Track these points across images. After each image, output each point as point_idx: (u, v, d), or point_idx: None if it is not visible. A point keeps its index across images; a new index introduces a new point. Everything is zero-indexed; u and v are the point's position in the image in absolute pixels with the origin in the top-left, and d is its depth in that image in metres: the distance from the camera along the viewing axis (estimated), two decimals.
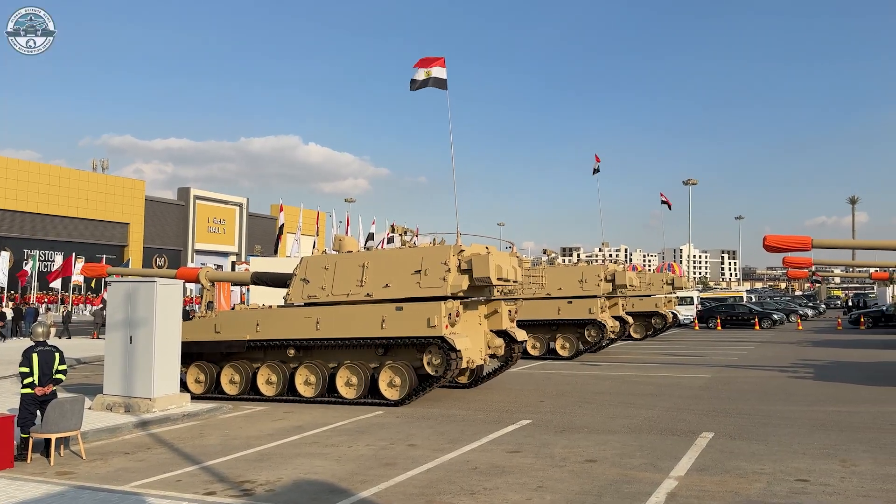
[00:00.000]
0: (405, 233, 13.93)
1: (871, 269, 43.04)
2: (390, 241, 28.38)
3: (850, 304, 53.03)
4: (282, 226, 36.79)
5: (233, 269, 44.71)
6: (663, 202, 54.11)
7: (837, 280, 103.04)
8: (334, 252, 14.15)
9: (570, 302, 21.43)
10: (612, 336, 23.21)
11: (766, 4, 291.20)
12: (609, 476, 7.51)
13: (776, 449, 8.71)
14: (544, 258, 24.92)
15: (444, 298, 12.44)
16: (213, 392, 13.94)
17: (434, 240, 13.56)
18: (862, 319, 38.88)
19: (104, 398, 11.80)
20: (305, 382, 13.34)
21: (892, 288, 43.16)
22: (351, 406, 12.66)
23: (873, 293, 56.31)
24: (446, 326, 12.22)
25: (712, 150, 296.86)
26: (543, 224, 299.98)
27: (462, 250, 12.84)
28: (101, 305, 34.30)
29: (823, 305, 67.29)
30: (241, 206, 70.96)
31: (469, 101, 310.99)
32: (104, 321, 16.20)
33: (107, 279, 18.25)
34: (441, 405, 12.73)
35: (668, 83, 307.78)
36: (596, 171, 33.88)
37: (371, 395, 12.94)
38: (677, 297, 43.70)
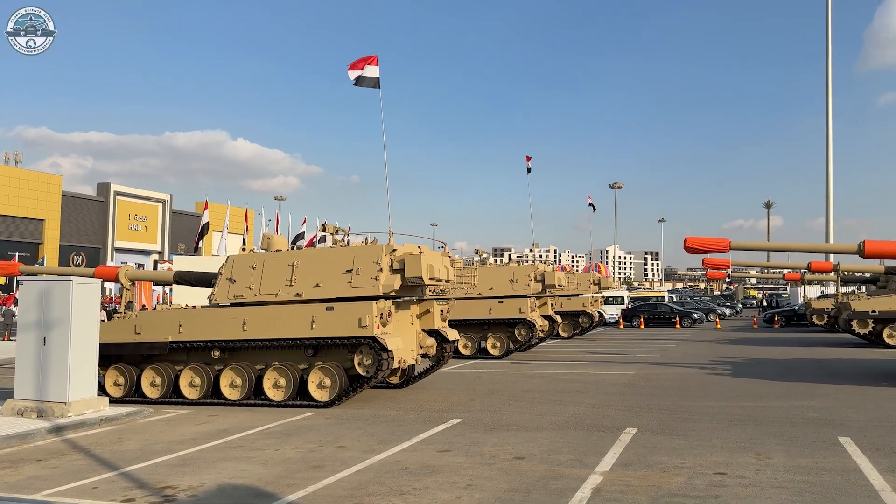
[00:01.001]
0: (336, 232, 13.78)
1: (785, 271, 45.33)
2: (322, 240, 28.02)
3: (765, 303, 55.71)
4: (206, 224, 35.64)
5: (155, 267, 43.17)
6: (590, 204, 55.52)
7: (753, 281, 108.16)
8: (262, 251, 13.86)
9: (501, 301, 21.69)
10: (542, 335, 23.63)
11: (693, 13, 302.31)
12: (537, 473, 7.63)
13: (696, 443, 9.04)
14: (476, 258, 25.12)
15: (376, 298, 12.37)
16: (133, 395, 13.40)
17: (366, 239, 13.48)
18: (776, 318, 40.95)
19: (15, 403, 11.17)
20: (231, 385, 12.99)
21: (803, 288, 45.54)
22: (279, 408, 12.42)
23: (786, 293, 59.39)
24: (378, 326, 12.15)
25: (638, 154, 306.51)
26: (476, 225, 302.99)
27: (394, 250, 12.79)
28: (12, 305, 32.52)
29: (740, 305, 70.53)
30: (164, 202, 68.63)
31: (404, 100, 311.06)
32: (14, 322, 15.34)
33: (19, 278, 17.30)
34: (372, 406, 12.65)
35: (596, 87, 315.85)
36: (528, 170, 34.34)
37: (300, 396, 12.72)
38: (611, 297, 45.70)
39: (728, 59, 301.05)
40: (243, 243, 35.20)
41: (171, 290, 25.52)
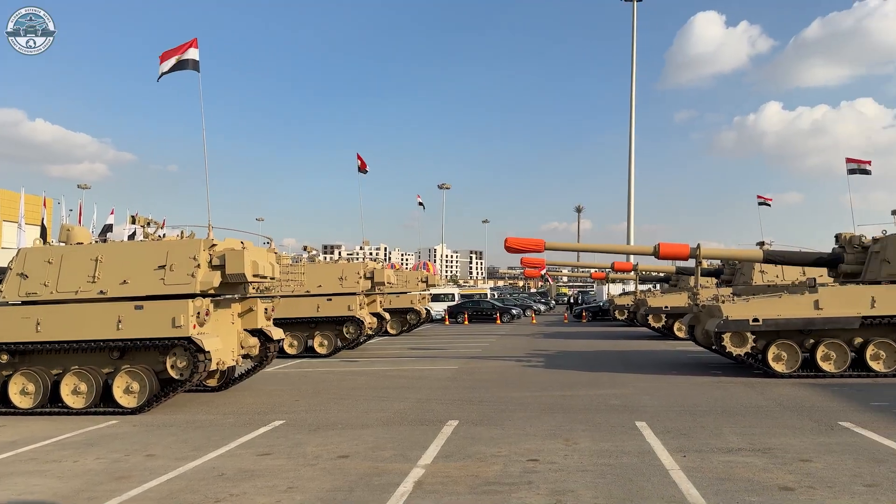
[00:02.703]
0: (148, 224, 12.81)
1: (592, 270, 49.28)
2: (132, 235, 25.95)
3: (574, 300, 60.11)
4: None
5: None
6: (420, 203, 56.66)
7: (565, 279, 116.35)
8: (61, 244, 12.55)
9: (330, 299, 21.43)
10: (370, 332, 23.68)
11: (524, 22, 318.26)
12: (361, 470, 7.61)
13: (512, 432, 9.51)
14: (305, 255, 24.59)
15: (193, 296, 11.68)
16: None
17: (182, 233, 12.67)
18: (584, 314, 44.34)
19: None
20: (22, 392, 11.64)
21: (608, 286, 49.79)
22: (79, 416, 11.33)
23: (593, 291, 64.59)
24: (194, 326, 11.48)
25: (465, 157, 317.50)
26: (306, 221, 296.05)
27: (214, 245, 12.14)
28: None
29: (553, 301, 75.63)
30: None
31: (231, 90, 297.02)
32: None
33: None
34: (186, 411, 11.92)
35: (427, 91, 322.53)
36: (363, 170, 33.98)
37: (104, 403, 11.69)
38: (442, 294, 47.41)
39: (547, 72, 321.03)
40: (41, 235, 31.60)
41: None
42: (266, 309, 14.05)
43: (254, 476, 7.47)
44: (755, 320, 14.31)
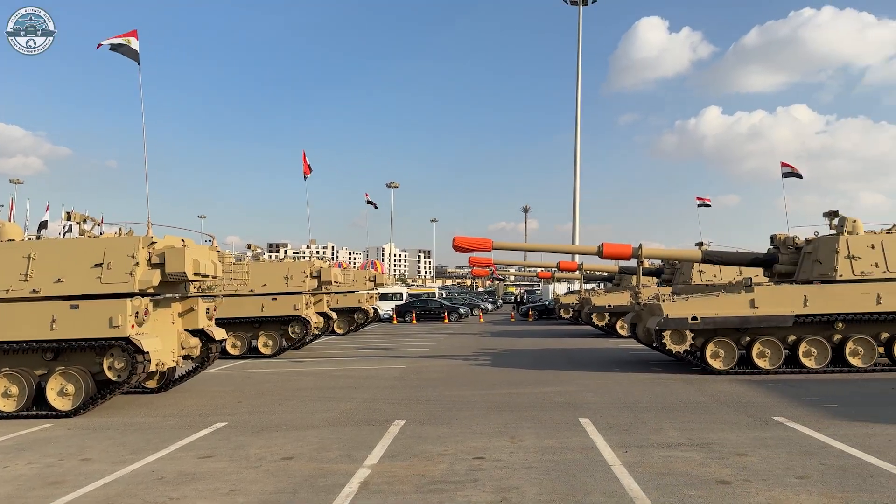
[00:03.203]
0: (84, 221, 12.36)
1: (539, 269, 49.96)
2: (68, 231, 24.98)
3: (521, 299, 60.78)
4: None
5: None
6: (368, 202, 56.39)
7: (512, 278, 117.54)
8: None
9: (275, 298, 21.08)
10: (317, 332, 23.41)
11: (475, 19, 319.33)
12: (305, 471, 7.51)
13: (458, 430, 9.55)
14: (249, 254, 24.12)
15: (131, 295, 11.34)
16: None
17: (120, 230, 12.27)
18: (530, 312, 44.87)
19: None
20: None
21: (553, 285, 50.52)
22: (10, 420, 10.87)
23: (539, 290, 65.39)
24: (132, 326, 11.16)
25: (414, 156, 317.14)
26: (250, 219, 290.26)
27: (154, 242, 11.82)
28: None
29: (501, 300, 76.36)
30: None
31: (175, 85, 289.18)
32: None
33: None
34: (124, 413, 11.56)
35: (377, 88, 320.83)
36: (306, 172, 33.43)
37: (37, 406, 11.24)
38: (391, 293, 47.36)
39: (496, 71, 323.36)
40: None
41: None
42: (208, 308, 13.76)
43: (195, 479, 7.29)
44: (694, 319, 14.73)
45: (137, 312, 11.28)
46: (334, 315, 26.08)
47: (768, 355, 14.80)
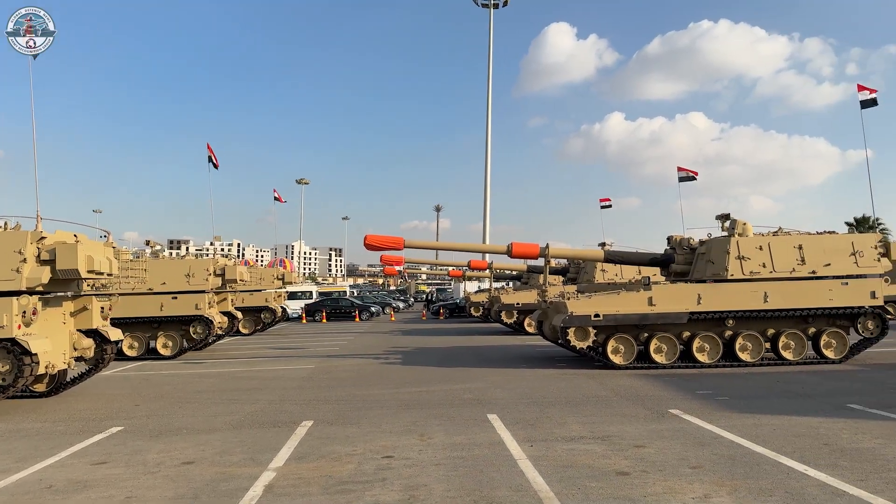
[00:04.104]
0: None
1: (450, 268, 50.37)
2: None
3: (432, 297, 61.12)
4: None
5: None
6: (276, 199, 55.13)
7: (424, 277, 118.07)
8: None
9: (175, 297, 20.25)
10: (220, 332, 22.66)
11: (390, 14, 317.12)
12: (207, 476, 7.27)
13: (367, 430, 9.50)
14: (147, 250, 23.05)
15: (18, 293, 10.64)
16: None
17: (6, 224, 11.47)
18: (441, 311, 45.18)
19: None
20: None
21: (464, 284, 51.08)
22: None
23: (450, 288, 65.99)
24: (19, 326, 10.48)
25: (325, 152, 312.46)
26: (149, 214, 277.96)
27: (43, 237, 11.12)
28: None
29: (412, 299, 76.43)
30: None
31: (65, 70, 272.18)
32: None
33: None
34: (10, 419, 10.80)
35: (286, 79, 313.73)
36: (215, 164, 32.19)
37: None
38: (300, 292, 46.42)
39: (409, 70, 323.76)
40: None
41: None
42: (102, 308, 13.08)
43: (87, 487, 6.91)
44: (596, 316, 15.28)
45: (25, 312, 10.60)
46: (239, 314, 25.37)
47: (665, 351, 15.54)
